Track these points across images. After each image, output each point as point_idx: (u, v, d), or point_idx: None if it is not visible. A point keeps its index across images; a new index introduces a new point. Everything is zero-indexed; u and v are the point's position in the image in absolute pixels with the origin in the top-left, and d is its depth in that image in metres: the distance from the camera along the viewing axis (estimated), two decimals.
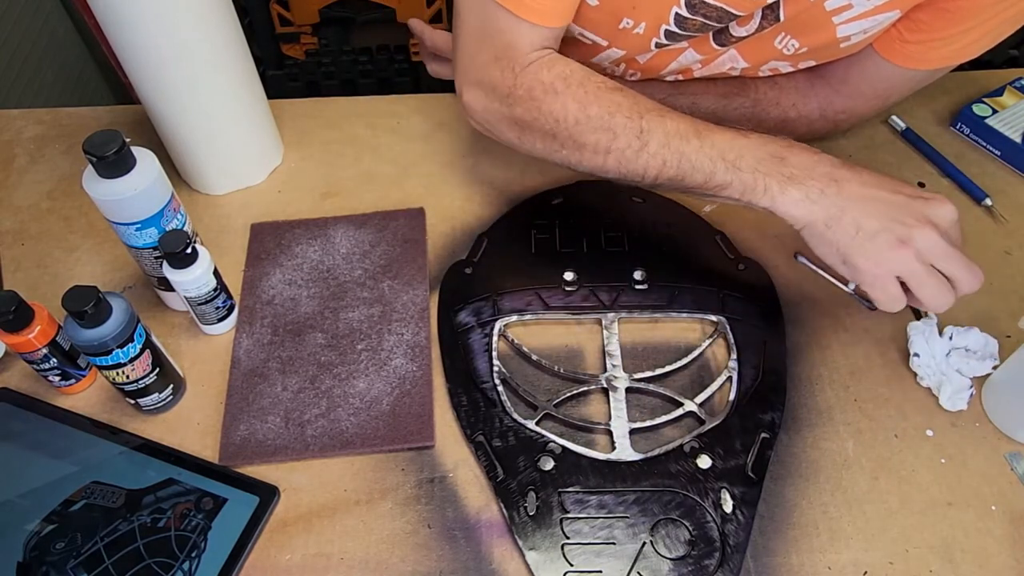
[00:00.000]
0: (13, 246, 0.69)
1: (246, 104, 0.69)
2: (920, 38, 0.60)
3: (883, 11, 0.57)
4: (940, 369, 0.57)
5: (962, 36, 0.58)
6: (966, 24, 0.57)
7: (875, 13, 0.57)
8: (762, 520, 0.52)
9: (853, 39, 0.60)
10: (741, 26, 0.61)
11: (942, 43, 0.59)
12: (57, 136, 0.78)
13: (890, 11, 0.57)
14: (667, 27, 0.61)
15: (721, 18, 0.59)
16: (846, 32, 0.59)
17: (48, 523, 0.52)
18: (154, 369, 0.55)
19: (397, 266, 0.66)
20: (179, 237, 0.54)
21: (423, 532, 0.52)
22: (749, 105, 0.69)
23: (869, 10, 0.57)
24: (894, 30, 0.61)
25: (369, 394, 0.58)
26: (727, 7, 0.57)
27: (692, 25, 0.60)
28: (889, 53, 0.62)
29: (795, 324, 0.62)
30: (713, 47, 0.64)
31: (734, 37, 0.62)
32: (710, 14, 0.58)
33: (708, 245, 0.66)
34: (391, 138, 0.77)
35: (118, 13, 0.57)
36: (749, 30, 0.61)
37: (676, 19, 0.59)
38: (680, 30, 0.61)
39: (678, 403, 0.57)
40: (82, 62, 1.41)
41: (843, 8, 0.57)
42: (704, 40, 0.63)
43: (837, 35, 0.59)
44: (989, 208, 0.70)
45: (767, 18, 0.60)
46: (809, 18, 0.59)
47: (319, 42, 1.43)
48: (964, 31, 0.58)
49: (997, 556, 0.50)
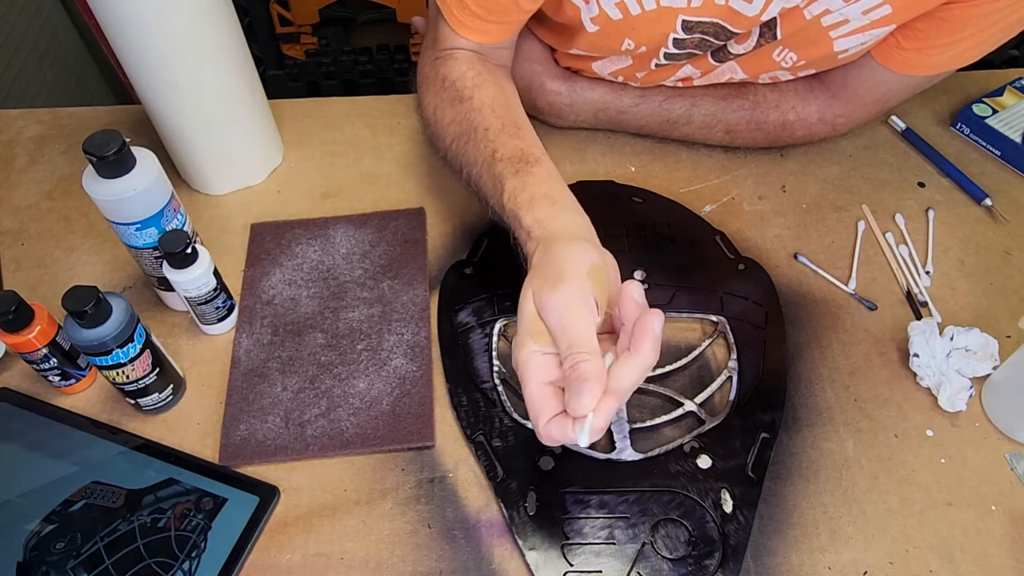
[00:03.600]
0: (13, 246, 0.69)
1: (246, 104, 0.69)
2: (917, 46, 0.60)
3: (879, 26, 0.57)
4: (940, 369, 0.57)
5: (959, 43, 0.58)
6: (963, 32, 0.57)
7: (871, 28, 0.57)
8: (762, 520, 0.52)
9: (851, 51, 0.60)
10: (739, 44, 0.61)
11: (939, 50, 0.59)
12: (57, 136, 0.78)
13: (887, 25, 0.57)
14: (666, 50, 0.63)
15: (718, 34, 0.59)
16: (843, 46, 0.59)
17: (48, 523, 0.52)
18: (154, 369, 0.55)
19: (397, 266, 0.66)
20: (179, 237, 0.54)
21: (423, 532, 0.52)
22: (749, 107, 0.69)
23: (865, 25, 0.57)
24: (891, 38, 0.61)
25: (369, 394, 0.58)
26: (724, 23, 0.58)
27: (691, 43, 0.61)
28: (887, 60, 0.62)
29: (795, 324, 0.62)
30: (711, 63, 0.65)
31: (732, 54, 0.63)
32: (707, 30, 0.59)
33: (708, 245, 0.66)
34: (391, 138, 0.77)
35: (118, 13, 0.57)
36: (747, 47, 0.62)
37: (675, 42, 0.61)
38: (679, 50, 0.62)
39: (678, 403, 0.57)
40: (82, 62, 1.41)
41: (839, 23, 0.57)
42: (702, 58, 0.64)
43: (835, 49, 0.60)
44: (989, 208, 0.70)
45: (764, 36, 0.60)
46: (806, 35, 0.59)
47: (319, 42, 1.43)
48: (961, 39, 0.58)
49: (997, 556, 0.50)
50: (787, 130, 0.70)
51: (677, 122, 0.71)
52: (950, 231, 0.68)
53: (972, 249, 0.67)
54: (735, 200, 0.71)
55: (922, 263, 0.66)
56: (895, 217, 0.69)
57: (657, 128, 0.73)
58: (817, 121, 0.70)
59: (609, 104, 0.72)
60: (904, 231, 0.68)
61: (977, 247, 0.67)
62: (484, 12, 0.59)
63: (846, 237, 0.68)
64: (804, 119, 0.70)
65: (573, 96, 0.71)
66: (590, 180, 0.71)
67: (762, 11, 0.56)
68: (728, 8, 0.57)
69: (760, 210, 0.70)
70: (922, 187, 0.72)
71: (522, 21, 0.62)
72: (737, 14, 0.57)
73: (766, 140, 0.72)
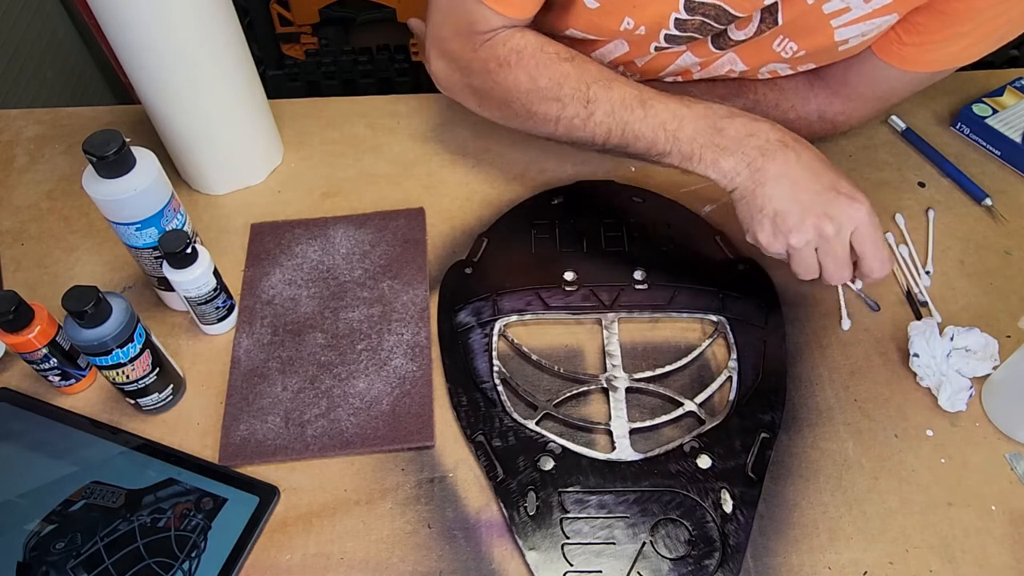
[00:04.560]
0: (13, 246, 0.69)
1: (246, 104, 0.69)
2: (917, 40, 0.60)
3: (880, 15, 0.57)
4: (940, 369, 0.57)
5: (959, 39, 0.58)
6: (963, 27, 0.57)
7: (872, 17, 0.57)
8: (762, 520, 0.52)
9: (851, 42, 0.60)
10: (740, 29, 0.61)
11: (939, 45, 0.59)
12: (57, 136, 0.78)
13: (888, 14, 0.57)
14: (667, 31, 0.61)
15: (719, 17, 0.59)
16: (844, 35, 0.59)
17: (48, 523, 0.52)
18: (154, 369, 0.55)
19: (397, 266, 0.66)
20: (179, 237, 0.54)
21: (423, 532, 0.52)
22: (748, 107, 0.69)
23: (867, 13, 0.57)
24: (892, 33, 0.61)
25: (369, 394, 0.58)
26: (726, 6, 0.57)
27: (692, 25, 0.60)
28: (887, 55, 0.62)
29: (795, 324, 0.62)
30: (711, 50, 0.64)
31: (732, 40, 0.62)
32: (709, 13, 0.58)
33: (708, 245, 0.66)
34: (391, 138, 0.77)
35: (118, 13, 0.57)
36: (748, 33, 0.61)
37: (676, 23, 0.60)
38: (680, 32, 0.61)
39: (678, 403, 0.57)
40: (82, 62, 1.41)
41: (841, 11, 0.57)
42: (702, 44, 0.64)
43: (835, 38, 0.59)
44: (989, 208, 0.70)
45: (765, 21, 0.60)
46: (807, 22, 0.59)
47: (319, 42, 1.43)
48: (961, 34, 0.58)
49: (997, 556, 0.50)
50: (788, 129, 0.70)
51: None
52: (950, 231, 0.68)
53: (972, 249, 0.67)
54: None
55: (922, 263, 0.66)
56: (895, 217, 0.69)
57: None
58: (817, 120, 0.70)
59: None
60: (904, 231, 0.68)
61: (977, 247, 0.67)
62: None
63: None
64: (804, 118, 0.69)
65: None
66: (590, 180, 0.71)
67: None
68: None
69: None
70: (922, 187, 0.72)
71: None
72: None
73: None
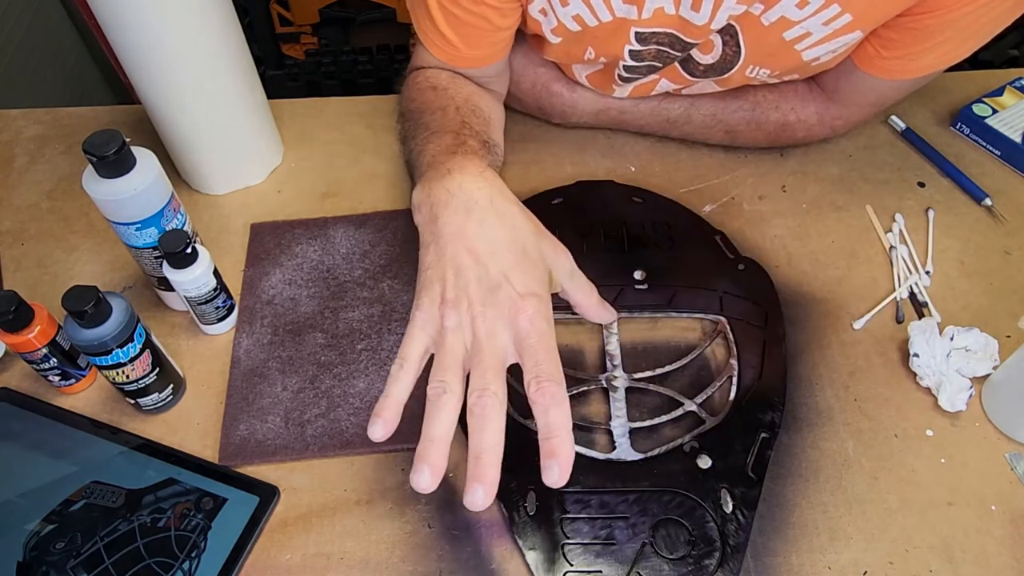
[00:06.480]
0: (13, 246, 0.69)
1: (246, 104, 0.69)
2: (897, 54, 0.60)
3: (842, 34, 0.57)
4: (940, 369, 0.57)
5: (940, 46, 0.58)
6: (940, 37, 0.57)
7: (834, 37, 0.57)
8: (762, 520, 0.52)
9: (823, 59, 0.60)
10: (705, 54, 0.62)
11: (919, 55, 0.59)
12: (57, 136, 0.78)
13: (850, 32, 0.57)
14: (624, 62, 0.64)
15: (674, 44, 0.60)
16: (813, 55, 0.59)
17: (48, 523, 0.52)
18: (154, 369, 0.55)
19: (397, 266, 0.66)
20: (179, 237, 0.54)
21: (423, 532, 0.52)
22: (748, 108, 0.69)
23: (828, 35, 0.57)
24: (870, 47, 0.61)
25: (369, 394, 0.58)
26: (677, 33, 0.59)
27: (648, 55, 0.62)
28: (872, 68, 0.62)
29: (795, 324, 0.62)
30: (685, 77, 0.65)
31: (701, 65, 0.63)
32: (662, 40, 0.60)
33: (708, 245, 0.66)
34: (391, 138, 0.77)
35: (118, 13, 0.57)
36: (714, 57, 0.62)
37: (631, 54, 0.62)
38: (637, 62, 0.63)
39: (678, 403, 0.57)
40: (82, 62, 1.41)
41: (802, 37, 0.57)
42: (673, 70, 0.64)
43: (804, 59, 0.60)
44: (989, 208, 0.70)
45: (728, 44, 0.60)
46: (771, 48, 0.59)
47: (319, 42, 1.43)
48: (940, 42, 0.58)
49: (997, 556, 0.50)
50: (787, 131, 0.70)
51: (677, 121, 0.72)
52: (950, 231, 0.68)
53: (972, 249, 0.67)
54: (735, 200, 0.71)
55: (922, 263, 0.66)
56: (895, 217, 0.69)
57: (657, 128, 0.73)
58: (816, 123, 0.70)
59: (610, 105, 0.72)
60: (904, 231, 0.68)
61: (977, 247, 0.67)
62: (462, 40, 0.62)
63: (846, 237, 0.68)
64: (804, 120, 0.70)
65: (575, 97, 0.72)
66: (590, 180, 0.71)
67: (711, 19, 0.56)
68: (679, 18, 0.57)
69: (760, 210, 0.70)
70: (922, 187, 0.72)
71: (506, 41, 0.64)
72: (688, 23, 0.57)
73: (767, 140, 0.72)
